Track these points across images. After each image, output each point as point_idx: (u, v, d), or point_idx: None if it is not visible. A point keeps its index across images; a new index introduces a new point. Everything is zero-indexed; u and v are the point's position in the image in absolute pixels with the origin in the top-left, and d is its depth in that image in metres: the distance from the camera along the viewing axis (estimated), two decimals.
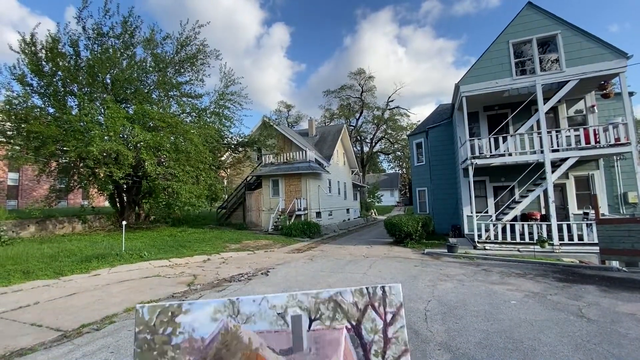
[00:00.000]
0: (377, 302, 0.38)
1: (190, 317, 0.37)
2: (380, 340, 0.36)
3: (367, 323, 0.36)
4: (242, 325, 0.37)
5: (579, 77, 11.69)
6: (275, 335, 0.36)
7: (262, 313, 0.37)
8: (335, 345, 0.35)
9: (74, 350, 4.07)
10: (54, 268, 8.43)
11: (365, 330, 0.36)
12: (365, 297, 0.38)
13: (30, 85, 14.43)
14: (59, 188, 16.05)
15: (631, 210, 12.86)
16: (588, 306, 5.49)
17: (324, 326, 0.37)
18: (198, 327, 0.36)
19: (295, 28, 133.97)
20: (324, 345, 0.36)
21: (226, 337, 0.36)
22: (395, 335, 0.36)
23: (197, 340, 0.36)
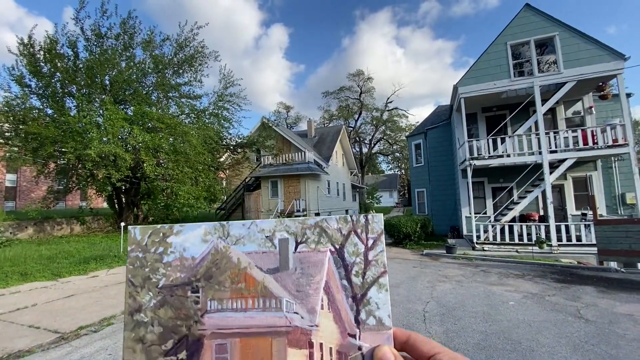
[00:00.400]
0: (360, 228, 0.42)
1: (181, 237, 0.41)
2: (361, 262, 0.40)
3: (350, 247, 0.41)
4: (231, 246, 0.41)
5: (576, 79, 11.74)
6: (263, 256, 0.40)
7: (250, 236, 0.42)
8: (319, 266, 0.40)
9: (72, 352, 4.06)
10: (52, 270, 8.41)
11: (348, 253, 0.41)
12: (349, 224, 0.42)
13: (29, 86, 14.41)
14: (57, 189, 16.03)
15: (629, 211, 12.90)
16: (586, 307, 5.50)
17: (309, 249, 0.41)
18: (189, 247, 0.40)
19: (294, 29, 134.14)
20: (309, 266, 0.40)
21: (216, 257, 0.40)
22: (375, 258, 0.41)
23: (188, 259, 0.40)
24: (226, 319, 0.44)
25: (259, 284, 0.45)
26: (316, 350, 0.43)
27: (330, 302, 0.45)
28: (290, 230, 0.46)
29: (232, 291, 0.44)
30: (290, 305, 0.45)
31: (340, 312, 0.45)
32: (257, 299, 0.44)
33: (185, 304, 0.44)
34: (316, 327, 0.44)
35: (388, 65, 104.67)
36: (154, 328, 0.43)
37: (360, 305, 0.44)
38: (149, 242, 0.45)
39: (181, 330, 0.43)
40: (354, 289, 0.45)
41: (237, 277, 0.45)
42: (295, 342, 0.43)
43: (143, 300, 0.44)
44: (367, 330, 0.43)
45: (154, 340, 0.42)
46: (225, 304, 0.44)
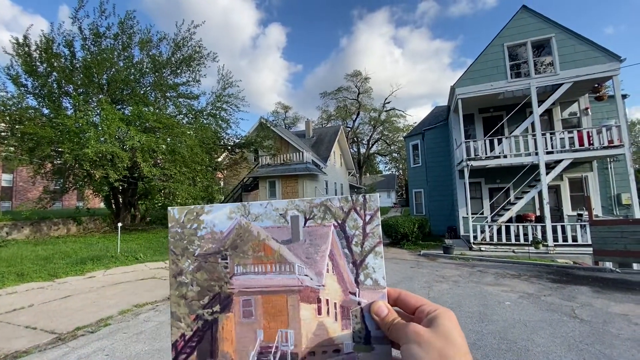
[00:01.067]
0: (359, 206, 0.50)
1: (211, 216, 0.50)
2: (360, 234, 0.49)
3: (350, 222, 0.49)
4: (252, 222, 0.49)
5: (572, 80, 11.83)
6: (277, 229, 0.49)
7: (267, 214, 0.50)
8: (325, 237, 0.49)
9: (69, 353, 4.05)
10: (49, 270, 8.37)
11: (349, 227, 0.49)
12: (350, 203, 0.50)
13: (25, 85, 14.34)
14: (54, 189, 15.94)
15: (624, 211, 13.00)
16: (581, 307, 5.55)
17: (316, 224, 0.49)
18: (217, 223, 0.49)
19: (292, 29, 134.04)
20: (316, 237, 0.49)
21: (240, 231, 0.49)
22: (372, 230, 0.49)
23: (217, 233, 0.51)
24: (250, 280, 0.53)
25: (276, 253, 0.54)
26: (323, 305, 0.52)
27: (334, 266, 0.54)
28: (300, 209, 0.55)
29: (254, 258, 0.54)
30: (301, 269, 0.54)
31: (342, 275, 0.53)
32: (274, 264, 0.54)
33: (217, 269, 0.54)
34: (323, 286, 0.53)
35: (386, 66, 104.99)
36: (193, 287, 0.53)
37: (359, 269, 0.53)
38: (185, 219, 0.55)
39: (215, 289, 0.53)
40: (354, 256, 0.53)
41: (257, 247, 0.54)
42: (306, 298, 0.53)
43: (183, 265, 0.54)
44: (365, 289, 0.52)
45: (194, 296, 0.52)
46: (249, 268, 0.54)
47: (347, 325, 0.51)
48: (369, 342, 0.50)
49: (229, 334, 0.52)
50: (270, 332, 0.52)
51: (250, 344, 0.51)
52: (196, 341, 0.51)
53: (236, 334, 0.52)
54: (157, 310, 5.69)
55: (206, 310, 0.52)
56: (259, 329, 0.52)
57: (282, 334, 0.51)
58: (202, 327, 0.52)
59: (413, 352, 0.42)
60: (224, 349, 0.51)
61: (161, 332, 4.68)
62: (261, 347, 0.51)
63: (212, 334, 0.51)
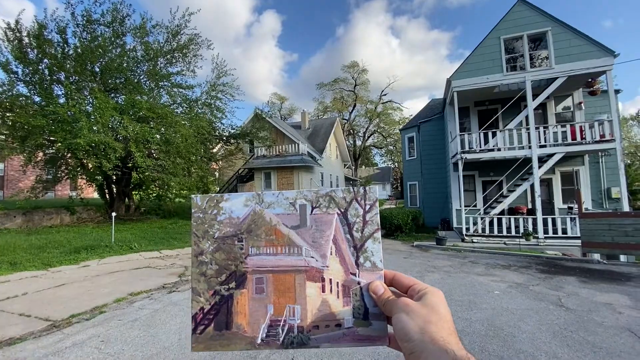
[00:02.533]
0: (360, 197, 0.56)
1: (229, 203, 0.57)
2: (360, 222, 0.55)
3: (352, 210, 0.55)
4: (265, 210, 0.55)
5: (567, 74, 11.89)
6: (287, 216, 0.57)
7: (279, 202, 0.57)
8: (329, 224, 0.58)
9: (64, 339, 4.09)
10: (42, 259, 8.36)
11: (350, 215, 0.55)
12: (352, 194, 0.56)
13: (15, 73, 14.06)
14: (46, 179, 15.77)
15: (614, 205, 13.24)
16: (567, 296, 5.71)
17: (322, 212, 0.56)
18: (235, 210, 0.56)
19: (287, 16, 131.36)
20: (322, 224, 0.59)
21: (254, 217, 0.56)
22: (371, 219, 0.56)
23: (234, 219, 0.58)
24: (262, 260, 0.59)
25: (285, 236, 0.60)
26: (327, 284, 0.59)
27: (337, 250, 0.60)
28: (307, 198, 0.61)
29: (266, 241, 0.60)
30: (308, 251, 0.60)
31: (344, 257, 0.59)
32: (284, 247, 0.60)
33: (233, 250, 0.60)
34: (327, 267, 0.59)
35: (383, 56, 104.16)
36: (212, 266, 0.59)
37: (359, 253, 0.59)
38: (207, 206, 0.61)
39: (231, 267, 0.59)
40: (355, 241, 0.59)
41: (269, 231, 0.60)
42: (312, 277, 0.59)
43: (204, 247, 0.60)
44: (364, 270, 0.58)
45: (212, 274, 0.59)
46: (262, 250, 0.60)
47: (348, 302, 0.57)
48: (367, 318, 0.56)
49: (242, 308, 0.57)
50: (279, 307, 0.57)
51: (261, 317, 0.57)
52: (213, 314, 0.57)
53: (249, 308, 0.57)
54: (151, 299, 5.74)
55: (223, 286, 0.58)
56: (269, 304, 0.58)
57: (289, 309, 0.57)
58: (219, 301, 0.57)
59: (401, 319, 0.47)
60: (238, 321, 0.57)
61: (156, 319, 4.73)
62: (271, 320, 0.57)
63: (228, 307, 0.57)
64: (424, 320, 0.45)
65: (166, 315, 4.87)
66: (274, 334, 0.56)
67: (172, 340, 3.99)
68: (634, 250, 8.47)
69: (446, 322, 0.45)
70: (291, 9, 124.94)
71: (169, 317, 4.82)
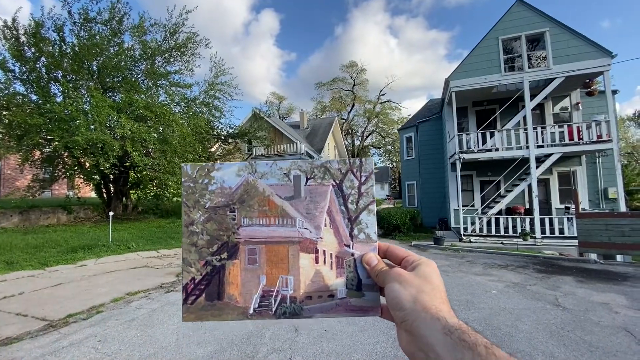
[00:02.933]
0: (355, 168, 0.55)
1: (221, 172, 0.56)
2: (356, 194, 0.54)
3: (347, 182, 0.55)
4: (258, 180, 0.54)
5: (564, 75, 11.94)
6: (281, 187, 0.56)
7: (272, 172, 0.56)
8: (323, 195, 0.57)
9: (61, 339, 4.07)
10: (39, 258, 8.31)
11: (345, 186, 0.54)
12: (347, 165, 0.55)
13: (12, 71, 13.95)
14: (43, 178, 15.68)
15: (611, 205, 13.30)
16: (564, 296, 5.73)
17: (316, 183, 0.55)
18: (227, 179, 0.55)
19: (285, 15, 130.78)
20: (316, 195, 0.57)
21: (247, 187, 0.54)
22: (366, 190, 0.55)
23: (227, 188, 0.56)
24: (255, 231, 0.59)
25: (279, 207, 0.59)
26: (320, 255, 0.58)
27: (331, 221, 0.60)
28: (302, 169, 0.60)
29: (259, 212, 0.59)
30: (301, 223, 0.59)
31: (338, 229, 0.59)
32: (278, 218, 0.59)
33: (225, 220, 0.58)
34: (321, 238, 0.59)
35: (381, 56, 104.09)
36: (203, 236, 0.58)
37: (354, 225, 0.58)
38: (197, 175, 0.59)
39: (223, 238, 0.58)
40: (349, 213, 0.59)
41: (262, 202, 0.59)
42: (305, 248, 0.58)
43: (195, 217, 0.58)
44: (358, 242, 0.57)
45: (204, 244, 0.57)
46: (254, 220, 0.59)
47: (341, 273, 0.57)
48: (360, 289, 0.56)
49: (235, 278, 0.57)
50: (272, 277, 0.57)
51: (254, 287, 0.57)
52: (205, 284, 0.56)
53: (241, 279, 0.57)
54: (149, 298, 5.72)
55: (215, 257, 0.57)
56: (262, 275, 0.57)
57: (282, 280, 0.57)
58: (210, 272, 0.57)
59: (394, 288, 0.47)
60: (230, 292, 0.56)
61: (153, 319, 4.72)
62: (263, 290, 0.57)
63: (220, 278, 0.57)
64: (417, 290, 0.44)
65: (164, 315, 4.86)
66: (266, 305, 0.56)
67: (169, 340, 3.98)
68: (630, 250, 8.53)
69: (439, 292, 0.45)
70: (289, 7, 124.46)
71: (166, 316, 4.81)
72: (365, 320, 4.48)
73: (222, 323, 4.47)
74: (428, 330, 0.40)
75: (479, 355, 0.35)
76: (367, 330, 4.19)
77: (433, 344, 0.38)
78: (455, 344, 0.37)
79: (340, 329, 4.25)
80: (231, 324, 4.46)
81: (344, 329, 4.25)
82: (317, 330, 4.22)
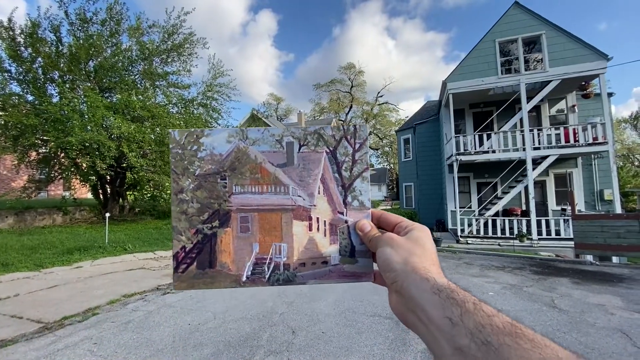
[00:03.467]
0: (349, 135, 0.55)
1: (210, 139, 0.54)
2: (350, 161, 0.54)
3: (341, 149, 0.54)
4: (249, 147, 0.53)
5: (561, 77, 12.03)
6: (274, 154, 0.54)
7: (264, 139, 0.55)
8: (317, 162, 0.56)
9: (56, 341, 4.04)
10: (34, 260, 8.25)
11: (339, 153, 0.54)
12: (341, 132, 0.55)
13: (8, 71, 13.89)
14: (39, 178, 15.58)
15: (607, 207, 13.38)
16: (560, 297, 5.76)
17: (310, 150, 0.55)
18: (217, 146, 0.53)
19: (283, 15, 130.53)
20: (309, 162, 0.57)
21: (238, 154, 0.53)
22: (360, 158, 0.54)
23: (217, 155, 0.55)
24: (247, 199, 0.58)
25: (272, 175, 0.58)
26: (314, 222, 0.58)
27: (325, 189, 0.59)
28: (295, 135, 0.59)
29: (251, 179, 0.58)
30: (295, 190, 0.59)
31: (332, 197, 0.59)
32: (270, 185, 0.58)
33: (216, 188, 0.57)
34: (314, 206, 0.59)
35: (379, 57, 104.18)
36: (193, 204, 0.56)
37: (348, 192, 0.58)
38: (186, 141, 0.57)
39: (214, 206, 0.57)
40: (343, 180, 0.58)
41: (254, 169, 0.58)
42: (299, 216, 0.58)
43: (184, 184, 0.57)
44: (352, 209, 0.57)
45: (194, 212, 0.56)
46: (246, 188, 0.58)
47: (335, 240, 0.57)
48: (354, 255, 0.56)
49: (227, 246, 0.56)
50: (265, 245, 0.57)
51: (246, 255, 0.56)
52: (196, 252, 0.56)
53: (234, 247, 0.56)
54: (145, 300, 5.69)
55: (206, 225, 0.56)
56: (254, 243, 0.57)
57: (276, 247, 0.57)
58: (201, 240, 0.56)
59: (385, 251, 0.47)
60: (222, 260, 0.56)
61: (149, 321, 4.70)
62: (256, 258, 0.56)
63: (212, 246, 0.56)
64: (407, 252, 0.45)
65: (160, 317, 4.84)
66: (259, 272, 0.55)
67: (165, 343, 3.96)
68: (625, 252, 8.58)
69: (429, 254, 0.45)
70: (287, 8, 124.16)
71: (163, 319, 4.78)
72: (363, 323, 4.48)
73: (219, 324, 4.45)
74: (417, 291, 0.40)
75: (467, 311, 0.35)
76: (364, 332, 4.19)
77: (422, 304, 0.39)
78: (443, 302, 0.37)
79: (338, 331, 4.24)
80: (229, 324, 4.44)
81: (342, 331, 4.24)
82: (314, 332, 4.21)
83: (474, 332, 0.33)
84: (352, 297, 5.61)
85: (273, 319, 4.67)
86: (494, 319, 0.33)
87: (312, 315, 4.81)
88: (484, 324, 0.33)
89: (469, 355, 0.32)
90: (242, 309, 5.11)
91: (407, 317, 0.42)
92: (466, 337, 0.33)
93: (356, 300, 5.43)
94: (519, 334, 0.31)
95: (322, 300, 5.48)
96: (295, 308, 5.13)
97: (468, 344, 0.32)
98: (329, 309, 5.05)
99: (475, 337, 0.32)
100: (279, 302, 5.39)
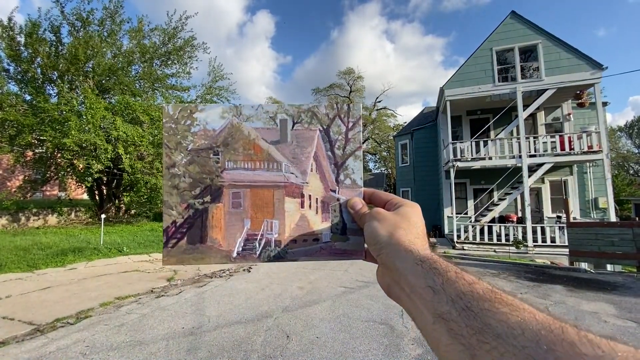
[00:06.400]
0: (343, 114, 0.56)
1: (204, 114, 0.55)
2: (343, 139, 0.55)
3: (334, 127, 0.55)
4: (243, 123, 0.54)
5: (556, 86, 12.17)
6: (267, 131, 0.55)
7: (258, 115, 0.56)
8: (310, 140, 0.57)
9: (48, 344, 4.00)
10: (28, 261, 8.17)
11: (333, 132, 0.55)
12: (335, 110, 0.56)
13: (7, 70, 13.88)
14: (35, 179, 15.48)
15: (601, 214, 13.48)
16: (554, 304, 5.78)
17: (303, 127, 0.56)
18: (210, 121, 0.54)
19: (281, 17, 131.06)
20: (303, 140, 0.57)
21: (232, 130, 0.54)
22: (353, 136, 0.56)
23: (210, 131, 0.55)
24: (240, 175, 0.58)
25: (265, 151, 0.58)
26: (306, 200, 0.59)
27: (317, 166, 0.60)
28: (289, 113, 0.59)
29: (244, 155, 0.58)
30: (287, 167, 0.59)
31: (325, 174, 0.59)
32: (263, 162, 0.58)
33: (208, 163, 0.57)
34: (307, 183, 0.59)
35: (377, 61, 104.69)
36: (185, 179, 0.57)
37: (340, 170, 0.58)
38: (179, 116, 0.57)
39: (206, 181, 0.57)
40: (336, 158, 0.59)
41: (247, 145, 0.58)
42: (291, 193, 0.58)
43: (176, 159, 0.57)
44: (344, 187, 0.58)
45: (186, 187, 0.56)
46: (239, 164, 0.58)
47: (327, 218, 0.57)
48: (345, 233, 0.56)
49: (218, 222, 0.56)
50: (256, 221, 0.57)
51: (237, 231, 0.56)
52: (187, 227, 0.55)
53: (225, 222, 0.56)
54: (139, 303, 5.65)
55: (197, 200, 0.56)
56: (246, 219, 0.57)
57: (267, 223, 0.57)
58: (192, 215, 0.56)
59: (372, 225, 0.47)
60: (213, 235, 0.56)
61: (143, 324, 4.66)
62: (248, 234, 0.56)
63: (202, 221, 0.56)
64: (393, 226, 0.45)
65: (154, 321, 4.80)
66: (250, 248, 0.55)
67: (159, 346, 3.93)
68: (619, 260, 8.64)
69: (415, 228, 0.45)
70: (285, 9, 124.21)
71: (156, 322, 4.75)
72: (357, 328, 4.48)
73: (213, 328, 4.43)
74: (401, 262, 0.41)
75: (449, 279, 0.36)
76: (358, 337, 4.19)
77: (405, 274, 0.40)
78: (426, 272, 0.38)
79: (332, 336, 4.23)
80: (223, 328, 4.42)
81: (336, 336, 4.24)
82: (308, 337, 4.20)
83: (455, 299, 0.34)
84: (347, 302, 5.60)
85: (267, 324, 4.65)
86: (475, 286, 0.34)
87: (306, 320, 4.80)
88: (464, 292, 0.34)
89: (449, 321, 0.33)
90: (236, 313, 5.09)
91: (391, 289, 0.43)
92: (447, 304, 0.34)
93: (351, 306, 5.42)
94: (498, 299, 0.32)
95: (317, 304, 5.46)
96: (289, 312, 5.12)
97: (449, 310, 0.33)
98: (323, 314, 5.03)
99: (456, 304, 0.33)
100: (273, 307, 5.37)
